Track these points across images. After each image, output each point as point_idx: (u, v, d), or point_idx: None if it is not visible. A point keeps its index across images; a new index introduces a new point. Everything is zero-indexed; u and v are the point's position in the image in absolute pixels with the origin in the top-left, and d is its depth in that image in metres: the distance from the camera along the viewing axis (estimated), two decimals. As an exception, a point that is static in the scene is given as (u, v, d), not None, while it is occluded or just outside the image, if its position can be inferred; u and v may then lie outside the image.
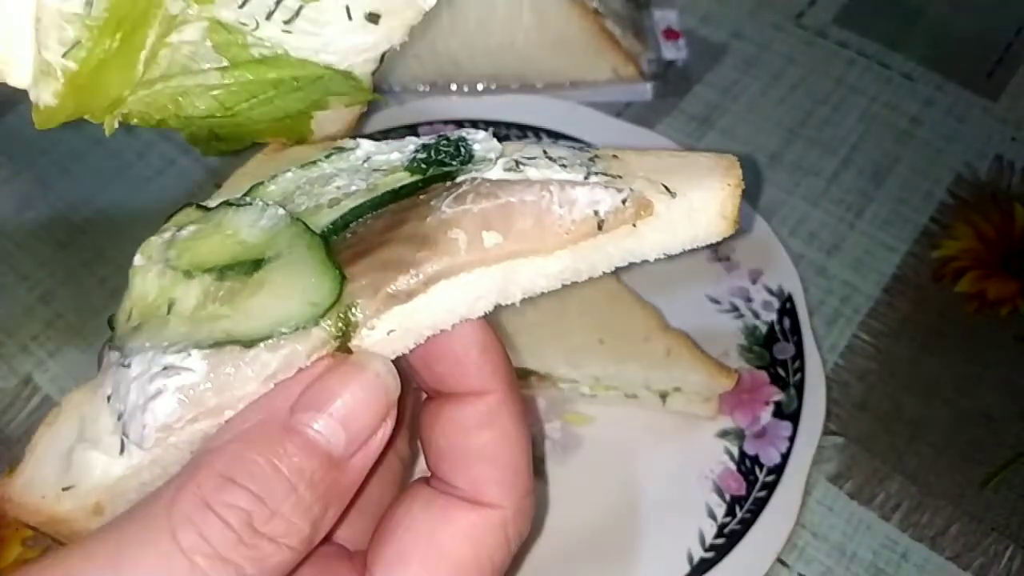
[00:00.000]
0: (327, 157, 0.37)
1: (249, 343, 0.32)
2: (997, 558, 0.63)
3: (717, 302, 0.71)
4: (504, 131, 0.79)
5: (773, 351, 0.68)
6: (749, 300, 0.70)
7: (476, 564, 0.34)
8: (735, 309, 0.70)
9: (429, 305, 0.33)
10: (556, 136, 0.78)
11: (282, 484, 0.29)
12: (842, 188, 0.81)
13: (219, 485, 0.29)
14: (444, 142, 0.37)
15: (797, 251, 0.76)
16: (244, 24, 0.33)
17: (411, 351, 0.35)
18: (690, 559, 0.59)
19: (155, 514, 0.28)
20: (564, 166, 0.36)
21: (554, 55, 0.83)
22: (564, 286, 0.36)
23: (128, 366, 0.33)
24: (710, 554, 0.59)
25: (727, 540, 0.60)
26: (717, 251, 0.73)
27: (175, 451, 0.32)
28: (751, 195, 0.81)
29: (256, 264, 0.33)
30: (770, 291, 0.70)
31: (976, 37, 0.92)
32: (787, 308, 0.69)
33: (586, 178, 0.35)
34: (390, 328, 0.33)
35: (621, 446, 0.65)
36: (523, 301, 0.36)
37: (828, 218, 0.79)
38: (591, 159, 0.37)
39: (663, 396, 0.65)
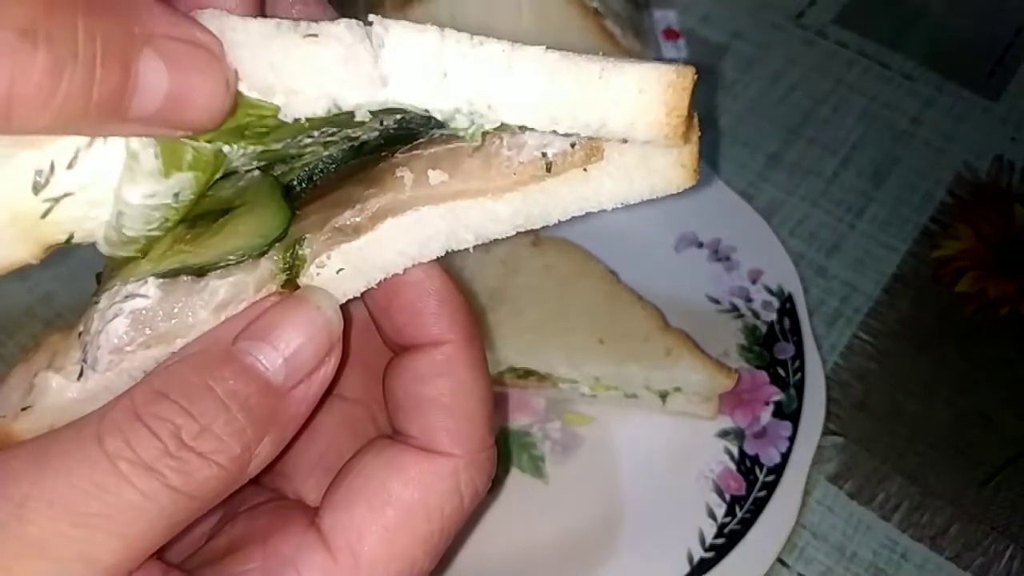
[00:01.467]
0: None
1: (200, 271, 0.33)
2: (997, 558, 0.63)
3: (717, 302, 0.71)
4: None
5: (773, 351, 0.68)
6: (749, 300, 0.70)
7: (424, 510, 0.34)
8: (735, 309, 0.70)
9: (378, 243, 0.34)
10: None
11: (214, 402, 0.30)
12: (842, 188, 0.81)
13: (151, 399, 0.29)
14: (420, 117, 0.37)
15: (797, 251, 0.76)
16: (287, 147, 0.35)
17: (363, 294, 0.35)
18: (690, 559, 0.59)
19: (87, 423, 0.29)
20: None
21: (554, 55, 0.83)
22: (519, 232, 0.35)
23: (97, 302, 0.34)
24: (710, 554, 0.59)
25: (727, 540, 0.60)
26: (717, 251, 0.73)
27: (128, 379, 0.33)
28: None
29: (224, 212, 0.34)
30: (770, 291, 0.70)
31: (976, 37, 0.92)
32: (787, 308, 0.69)
33: None
34: (339, 267, 0.34)
35: (621, 446, 0.65)
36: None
37: (828, 218, 0.79)
38: None
39: (663, 396, 0.65)
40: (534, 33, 0.81)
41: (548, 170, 0.33)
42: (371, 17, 0.30)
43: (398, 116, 0.36)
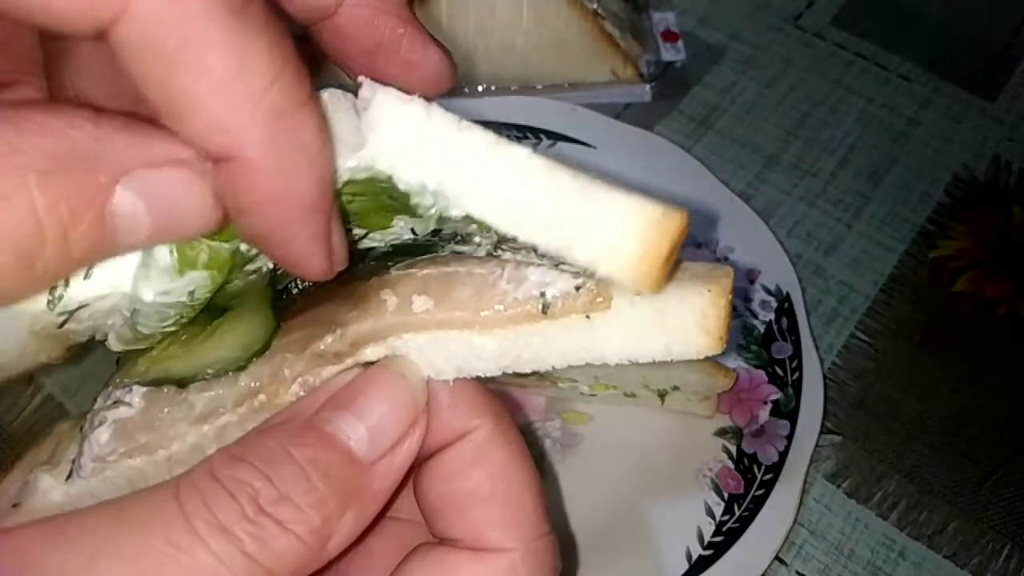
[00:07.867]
0: None
1: (181, 383, 0.31)
2: (994, 556, 0.63)
3: (715, 302, 0.71)
4: (503, 133, 0.79)
5: (771, 350, 0.68)
6: (747, 300, 0.71)
7: None
8: (733, 308, 0.70)
9: (357, 370, 0.32)
10: (555, 137, 0.79)
11: (293, 468, 0.29)
12: (840, 188, 0.82)
13: (228, 462, 0.28)
14: (450, 233, 0.34)
15: (795, 251, 0.77)
16: None
17: None
18: (688, 557, 0.59)
19: (167, 483, 0.28)
20: (543, 256, 0.31)
21: (553, 57, 0.83)
22: (505, 374, 0.32)
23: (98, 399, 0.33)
24: (708, 552, 0.60)
25: (725, 538, 0.60)
26: (715, 251, 0.73)
27: (113, 487, 0.32)
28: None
29: (222, 311, 0.32)
30: (768, 291, 0.71)
31: (973, 38, 0.93)
32: (785, 308, 0.70)
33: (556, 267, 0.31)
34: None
35: (620, 444, 0.65)
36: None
37: (826, 218, 0.80)
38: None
39: (661, 395, 0.65)
40: (534, 35, 0.81)
41: (544, 312, 0.30)
42: (360, 78, 0.28)
43: (432, 229, 0.33)
